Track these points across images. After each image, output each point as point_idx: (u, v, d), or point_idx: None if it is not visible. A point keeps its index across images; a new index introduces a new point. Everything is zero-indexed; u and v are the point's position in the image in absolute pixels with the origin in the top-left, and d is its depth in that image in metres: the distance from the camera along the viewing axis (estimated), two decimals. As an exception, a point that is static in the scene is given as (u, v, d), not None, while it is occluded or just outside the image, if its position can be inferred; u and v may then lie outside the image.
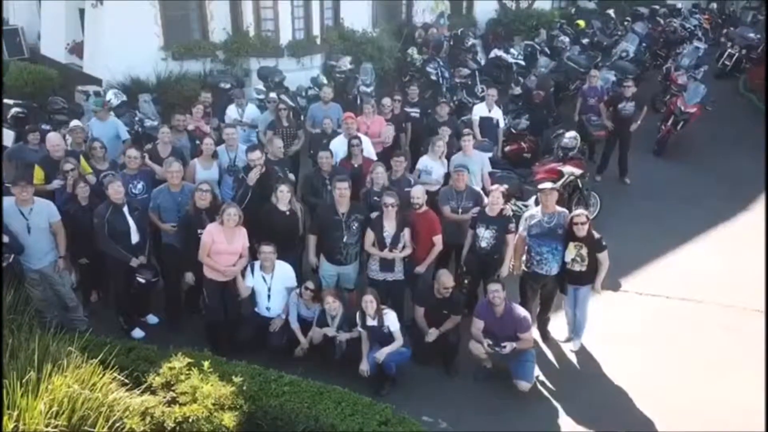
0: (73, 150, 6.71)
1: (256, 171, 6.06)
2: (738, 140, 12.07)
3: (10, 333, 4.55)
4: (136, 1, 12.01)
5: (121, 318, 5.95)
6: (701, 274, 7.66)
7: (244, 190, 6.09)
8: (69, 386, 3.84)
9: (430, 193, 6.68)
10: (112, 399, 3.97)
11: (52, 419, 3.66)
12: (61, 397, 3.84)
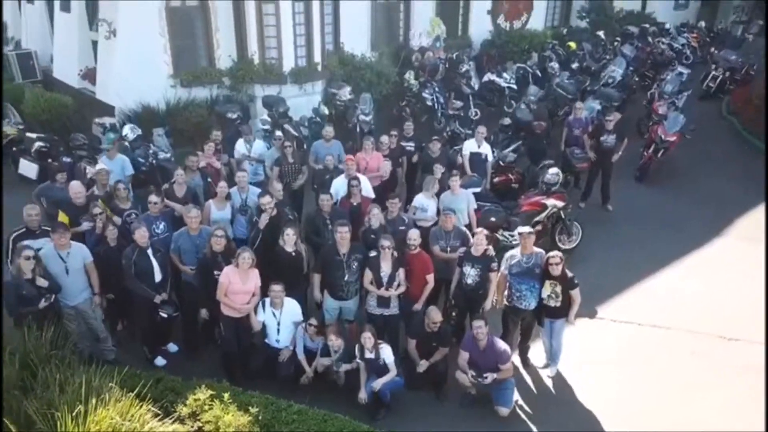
0: (98, 194, 7.38)
1: (266, 216, 6.75)
2: (719, 164, 12.76)
3: (56, 367, 5.23)
4: (147, 32, 12.69)
5: (145, 348, 6.65)
6: (676, 300, 8.34)
7: (255, 233, 6.77)
8: (112, 418, 4.52)
9: (424, 228, 7.42)
10: (148, 429, 4.65)
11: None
12: (105, 428, 4.52)
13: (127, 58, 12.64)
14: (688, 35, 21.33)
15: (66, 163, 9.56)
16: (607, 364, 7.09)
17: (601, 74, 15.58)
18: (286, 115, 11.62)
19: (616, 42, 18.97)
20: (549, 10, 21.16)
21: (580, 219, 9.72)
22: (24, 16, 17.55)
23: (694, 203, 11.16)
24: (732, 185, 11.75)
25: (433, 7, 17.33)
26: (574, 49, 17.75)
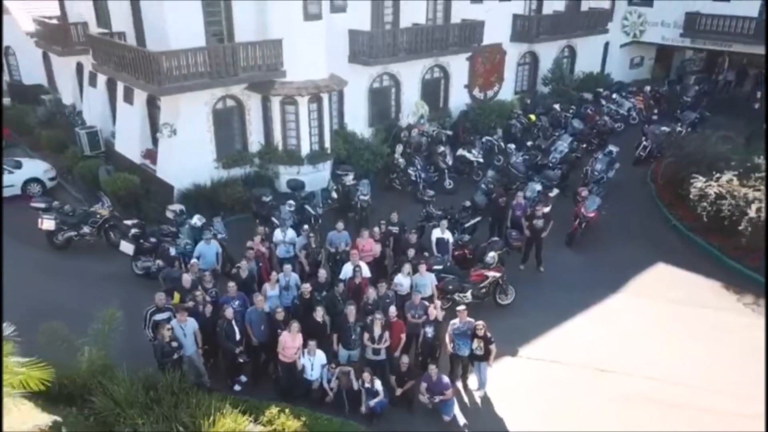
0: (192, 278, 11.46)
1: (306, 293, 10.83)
2: (631, 231, 16.82)
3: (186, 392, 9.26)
4: (198, 130, 16.78)
5: (228, 379, 10.70)
6: (575, 343, 12.39)
7: (298, 308, 10.86)
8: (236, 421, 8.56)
9: (402, 296, 11.50)
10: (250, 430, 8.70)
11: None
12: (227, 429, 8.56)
13: (183, 149, 16.74)
14: (633, 99, 25.50)
15: (153, 242, 13.70)
16: (520, 388, 11.15)
17: (551, 147, 19.73)
18: (306, 198, 15.67)
19: (569, 113, 23.05)
20: (518, 78, 25.29)
21: (518, 278, 13.83)
22: (87, 97, 21.60)
23: (604, 265, 15.24)
24: (636, 250, 15.81)
25: (419, 89, 21.45)
26: (533, 120, 21.91)
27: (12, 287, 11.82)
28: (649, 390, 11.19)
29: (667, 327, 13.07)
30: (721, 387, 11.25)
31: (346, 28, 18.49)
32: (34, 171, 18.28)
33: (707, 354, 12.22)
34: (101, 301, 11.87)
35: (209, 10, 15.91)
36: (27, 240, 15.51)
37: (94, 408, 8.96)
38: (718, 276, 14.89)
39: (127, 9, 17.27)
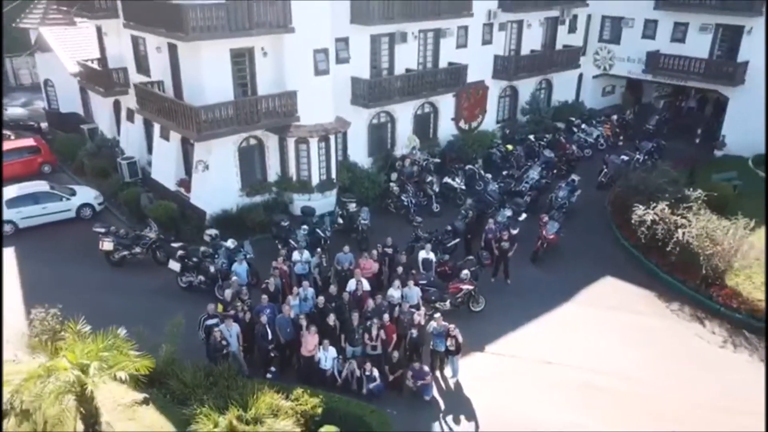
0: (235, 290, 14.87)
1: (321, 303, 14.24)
2: (587, 249, 20.17)
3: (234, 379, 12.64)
4: (226, 165, 20.18)
5: (263, 369, 14.09)
6: (531, 341, 15.79)
7: (314, 315, 14.26)
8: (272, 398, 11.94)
9: (394, 305, 14.90)
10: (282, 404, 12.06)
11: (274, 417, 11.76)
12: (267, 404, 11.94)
13: (214, 180, 20.13)
14: (601, 128, 28.92)
15: (195, 261, 17.10)
16: (484, 376, 14.54)
17: (524, 175, 23.13)
18: (320, 223, 19.05)
19: (543, 141, 26.44)
20: (499, 109, 28.70)
21: (489, 288, 17.24)
22: (125, 130, 24.99)
23: (561, 278, 18.62)
24: (589, 266, 19.21)
25: (412, 124, 24.86)
26: (511, 150, 25.32)
27: (79, 298, 15.10)
28: (584, 378, 14.58)
29: (604, 329, 16.50)
30: (641, 376, 14.68)
31: (349, 76, 21.88)
32: (86, 197, 21.65)
33: (633, 350, 15.64)
34: (153, 309, 15.37)
35: (237, 68, 19.29)
36: (87, 258, 18.94)
37: (170, 388, 12.36)
38: (654, 287, 18.34)
39: (166, 62, 20.64)
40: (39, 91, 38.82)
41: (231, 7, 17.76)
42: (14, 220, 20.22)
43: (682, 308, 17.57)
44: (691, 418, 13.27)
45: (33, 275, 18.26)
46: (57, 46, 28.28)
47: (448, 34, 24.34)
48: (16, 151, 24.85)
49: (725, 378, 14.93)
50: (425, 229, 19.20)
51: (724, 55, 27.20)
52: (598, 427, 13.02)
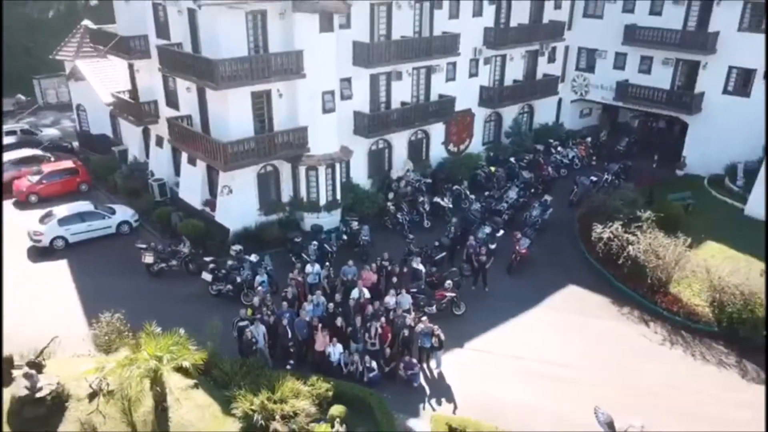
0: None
1: (331, 308, 17.65)
2: (557, 260, 23.55)
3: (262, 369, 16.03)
4: (247, 189, 23.56)
5: (284, 361, 17.47)
6: (504, 339, 19.19)
7: (324, 318, 17.66)
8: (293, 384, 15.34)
9: (388, 310, 18.30)
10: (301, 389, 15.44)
11: (295, 398, 15.16)
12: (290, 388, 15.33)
13: (237, 202, 23.49)
14: (576, 149, 32.30)
15: (224, 273, 20.48)
16: (463, 368, 17.92)
17: (504, 196, 26.53)
18: (325, 239, 22.44)
19: (523, 162, 29.84)
20: (485, 133, 32.11)
21: (470, 295, 20.63)
22: (154, 154, 28.36)
23: (532, 286, 22.01)
24: (556, 275, 22.59)
25: (406, 149, 28.26)
26: (494, 172, 28.72)
27: (127, 304, 18.27)
28: (546, 369, 17.92)
29: (566, 329, 19.91)
30: (592, 367, 18.08)
31: (352, 110, 25.27)
32: (124, 215, 25.01)
33: (588, 347, 19.04)
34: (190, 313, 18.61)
35: (256, 107, 22.65)
36: (129, 269, 22.30)
37: (213, 376, 15.75)
38: (609, 294, 21.76)
39: (195, 99, 24.00)
40: (64, 110, 42.53)
41: (253, 59, 21.18)
42: (65, 236, 23.56)
43: (632, 312, 20.99)
44: (626, 400, 16.62)
45: (85, 284, 21.64)
46: (90, 76, 31.66)
47: (438, 70, 27.75)
48: (57, 173, 28.20)
49: (660, 369, 18.35)
50: (417, 244, 22.59)
51: (684, 85, 30.61)
52: (552, 408, 16.39)
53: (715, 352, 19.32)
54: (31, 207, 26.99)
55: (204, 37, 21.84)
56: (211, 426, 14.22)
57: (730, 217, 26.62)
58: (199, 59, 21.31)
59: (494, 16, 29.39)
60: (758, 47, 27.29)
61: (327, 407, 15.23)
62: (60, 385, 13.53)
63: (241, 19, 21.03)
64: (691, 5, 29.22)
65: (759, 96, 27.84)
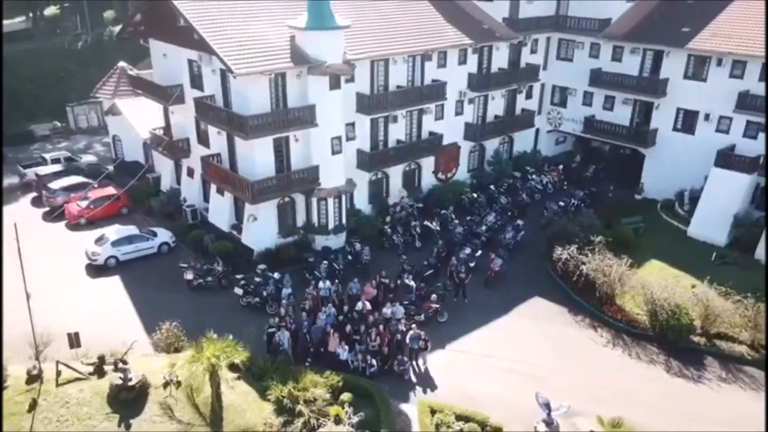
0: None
1: (340, 317, 22.44)
2: (526, 275, 28.33)
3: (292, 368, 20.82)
4: (268, 217, 28.35)
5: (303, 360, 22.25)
6: (481, 342, 23.98)
7: (335, 325, 22.45)
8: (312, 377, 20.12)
9: (385, 319, 23.11)
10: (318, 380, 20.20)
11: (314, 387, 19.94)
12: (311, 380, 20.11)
13: (260, 228, 28.25)
14: (550, 175, 37.12)
15: (252, 288, 25.27)
16: (445, 365, 22.69)
17: (483, 220, 31.32)
18: (336, 258, 27.24)
19: (502, 188, 34.65)
20: (470, 162, 36.91)
21: (452, 306, 25.44)
22: (185, 183, 33.14)
23: (504, 298, 26.80)
24: (524, 289, 27.37)
25: (401, 178, 33.07)
26: (476, 197, 33.54)
27: (173, 312, 23.04)
28: (511, 366, 22.66)
29: (529, 333, 24.68)
30: (548, 364, 22.83)
31: (355, 149, 30.07)
32: (164, 237, 29.75)
33: (547, 348, 23.81)
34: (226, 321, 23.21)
35: (277, 149, 27.40)
36: (171, 284, 27.00)
37: (251, 371, 20.48)
38: (566, 304, 26.56)
39: (224, 141, 28.76)
40: (95, 134, 47.38)
41: (275, 113, 25.99)
42: (117, 255, 28.29)
43: (584, 319, 25.82)
44: (573, 390, 21.32)
45: (136, 296, 26.34)
46: (126, 112, 36.43)
47: (429, 112, 32.56)
48: (102, 199, 32.86)
49: (602, 367, 23.15)
50: (409, 262, 27.37)
51: (641, 122, 35.44)
52: (513, 395, 21.12)
53: (648, 352, 24.15)
54: (81, 229, 31.73)
55: (235, 94, 26.62)
56: (253, 408, 18.97)
57: (676, 237, 31.50)
58: (231, 114, 26.10)
59: (477, 62, 34.16)
60: (700, 93, 32.14)
61: (338, 394, 19.92)
62: (144, 376, 18.29)
63: (266, 81, 25.81)
64: (645, 55, 34.05)
65: (701, 134, 32.71)
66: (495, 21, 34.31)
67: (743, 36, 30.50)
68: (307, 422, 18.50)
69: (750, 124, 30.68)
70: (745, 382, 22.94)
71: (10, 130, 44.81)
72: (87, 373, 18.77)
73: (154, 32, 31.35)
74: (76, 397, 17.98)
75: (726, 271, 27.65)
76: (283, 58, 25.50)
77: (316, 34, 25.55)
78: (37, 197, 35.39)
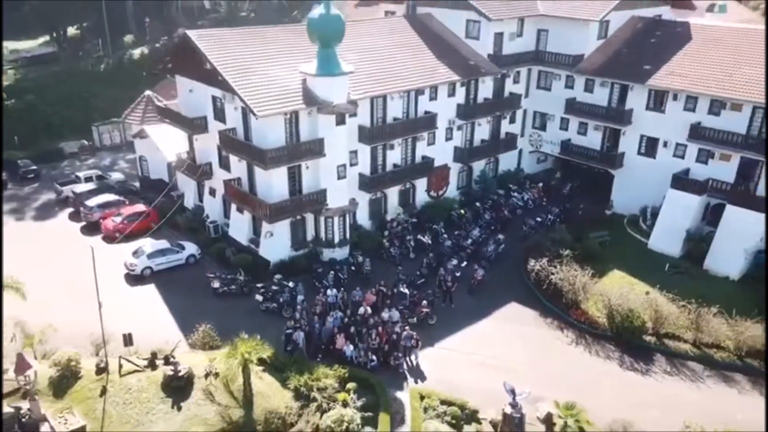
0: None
1: (345, 320, 26.95)
2: (504, 285, 32.74)
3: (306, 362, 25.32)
4: (284, 232, 32.85)
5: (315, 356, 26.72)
6: (465, 342, 28.47)
7: (341, 327, 26.94)
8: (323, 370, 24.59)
9: (383, 321, 27.61)
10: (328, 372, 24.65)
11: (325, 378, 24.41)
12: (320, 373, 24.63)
13: (276, 242, 32.74)
14: (531, 192, 41.64)
15: (270, 295, 29.79)
16: (433, 361, 27.17)
17: (469, 234, 35.81)
18: (342, 270, 31.72)
19: (486, 206, 39.15)
20: (459, 180, 41.41)
21: (441, 310, 29.94)
22: (207, 201, 37.61)
23: (485, 303, 31.25)
24: (503, 295, 31.83)
25: (398, 197, 37.58)
26: (463, 214, 38.04)
27: (203, 316, 27.50)
28: (489, 361, 27.05)
29: (506, 334, 29.16)
30: (521, 359, 27.30)
31: (357, 172, 34.55)
32: (191, 250, 34.21)
33: (520, 346, 28.29)
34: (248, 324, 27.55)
35: (291, 175, 31.88)
36: (198, 291, 31.44)
37: (273, 364, 24.90)
38: (538, 309, 31.04)
39: (244, 167, 33.21)
40: (118, 151, 51.88)
41: (290, 146, 30.51)
42: (151, 266, 32.73)
43: (553, 322, 30.30)
44: (539, 380, 25.65)
45: (170, 302, 30.80)
46: (153, 136, 40.90)
47: (422, 139, 37.07)
48: (134, 215, 37.29)
49: (566, 361, 27.63)
50: (404, 272, 31.88)
51: (610, 146, 39.93)
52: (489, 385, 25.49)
53: (606, 350, 28.65)
54: (117, 242, 36.15)
55: (255, 130, 31.08)
56: (276, 394, 23.43)
57: (637, 249, 36.01)
58: (252, 147, 30.59)
59: (465, 94, 38.65)
60: (659, 122, 36.69)
61: (344, 384, 24.36)
62: (190, 368, 22.75)
63: (282, 119, 30.29)
64: (613, 88, 38.54)
65: (661, 158, 37.20)
66: (481, 57, 38.81)
67: (695, 75, 35.00)
68: (319, 406, 22.97)
69: (701, 151, 35.15)
70: (686, 375, 27.41)
71: (42, 148, 49.65)
72: (143, 366, 23.22)
73: (181, 70, 35.78)
74: (136, 385, 22.46)
75: (677, 279, 32.21)
76: (296, 100, 30.00)
77: (325, 79, 30.06)
78: (74, 212, 39.86)
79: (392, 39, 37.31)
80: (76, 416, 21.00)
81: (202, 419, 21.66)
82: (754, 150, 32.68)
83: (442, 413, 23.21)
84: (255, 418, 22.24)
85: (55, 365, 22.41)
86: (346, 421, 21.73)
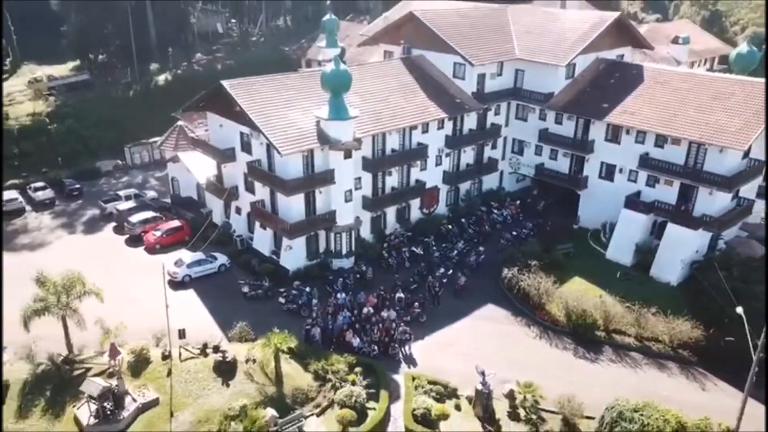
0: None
1: (353, 319, 33.65)
2: (483, 289, 39.39)
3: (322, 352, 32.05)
4: (300, 245, 39.63)
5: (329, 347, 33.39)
6: (448, 339, 35.19)
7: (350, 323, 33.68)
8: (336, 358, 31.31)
9: (383, 319, 34.35)
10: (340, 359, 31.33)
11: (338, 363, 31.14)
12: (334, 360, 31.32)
13: (294, 254, 39.45)
14: (509, 209, 48.42)
15: (291, 298, 36.54)
16: (423, 351, 33.86)
17: (455, 247, 42.55)
18: (348, 277, 38.44)
19: (470, 221, 45.89)
20: (448, 198, 48.17)
21: (430, 310, 36.66)
22: (233, 218, 44.32)
23: (467, 305, 37.93)
24: (483, 298, 38.53)
25: (395, 214, 44.34)
26: (450, 228, 44.80)
27: (237, 315, 34.17)
28: (469, 351, 33.69)
29: (483, 330, 35.84)
30: (494, 351, 34.06)
31: (361, 195, 41.30)
32: (222, 260, 40.87)
33: (495, 340, 35.02)
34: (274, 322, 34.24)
35: (306, 199, 38.59)
36: (230, 295, 38.11)
37: (296, 353, 31.59)
38: (511, 309, 37.76)
39: (267, 191, 39.92)
40: (148, 170, 58.47)
41: (306, 177, 37.25)
42: (191, 274, 39.41)
43: (522, 320, 37.04)
44: (507, 366, 32.33)
45: (207, 304, 37.48)
46: (186, 161, 47.59)
47: (415, 165, 43.81)
48: (172, 230, 43.96)
49: (530, 351, 34.37)
50: (400, 279, 38.63)
51: (577, 170, 46.66)
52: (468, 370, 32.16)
53: (564, 342, 35.37)
54: (156, 252, 42.79)
55: (277, 163, 37.79)
56: (300, 376, 30.12)
57: (597, 260, 42.70)
58: (275, 177, 37.32)
59: (452, 126, 45.41)
60: (616, 152, 43.44)
61: (352, 368, 31.00)
62: (234, 356, 29.47)
63: (300, 155, 37.03)
64: (578, 121, 45.32)
65: (618, 181, 43.87)
66: (466, 95, 45.57)
67: (644, 114, 41.78)
68: (334, 384, 29.68)
69: (650, 176, 41.88)
70: (627, 362, 34.12)
71: (81, 167, 56.26)
72: (197, 353, 29.95)
73: (213, 108, 42.49)
74: (193, 369, 29.19)
75: (626, 285, 38.91)
76: (312, 140, 36.78)
77: (335, 123, 36.83)
78: (118, 227, 46.51)
79: (390, 82, 44.04)
80: (151, 391, 27.73)
81: (246, 393, 28.33)
82: (691, 178, 39.44)
83: (429, 390, 29.86)
84: (284, 393, 28.94)
85: (131, 353, 29.11)
86: (354, 396, 28.39)
